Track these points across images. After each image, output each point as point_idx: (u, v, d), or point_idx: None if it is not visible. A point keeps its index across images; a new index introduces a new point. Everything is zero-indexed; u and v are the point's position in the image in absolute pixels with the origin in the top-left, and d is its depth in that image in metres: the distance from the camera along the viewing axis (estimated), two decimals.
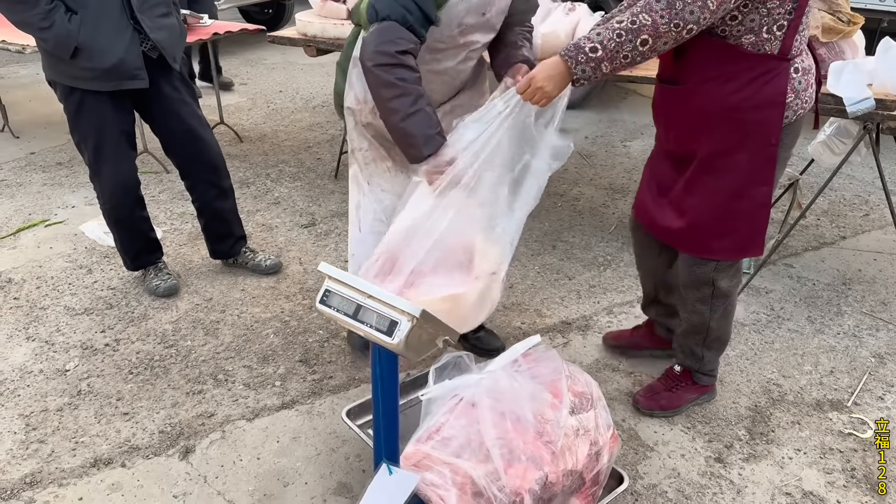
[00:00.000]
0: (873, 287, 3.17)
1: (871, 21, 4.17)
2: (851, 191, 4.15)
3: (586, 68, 1.76)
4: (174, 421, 2.38)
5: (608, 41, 1.73)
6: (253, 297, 3.07)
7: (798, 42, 1.85)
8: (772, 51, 1.83)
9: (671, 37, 1.71)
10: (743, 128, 1.90)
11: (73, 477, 2.17)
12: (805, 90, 1.91)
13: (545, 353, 2.03)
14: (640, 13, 1.70)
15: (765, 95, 1.86)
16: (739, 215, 2.01)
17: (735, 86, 1.87)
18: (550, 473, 1.76)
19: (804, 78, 1.90)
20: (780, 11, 1.78)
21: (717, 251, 2.08)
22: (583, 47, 1.76)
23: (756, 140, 1.91)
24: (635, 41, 1.71)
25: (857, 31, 2.95)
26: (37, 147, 4.70)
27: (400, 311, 1.48)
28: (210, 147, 2.97)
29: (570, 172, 4.34)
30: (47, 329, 2.86)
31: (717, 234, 2.05)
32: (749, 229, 2.04)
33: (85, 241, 3.52)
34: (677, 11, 1.68)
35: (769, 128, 1.90)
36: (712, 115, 1.92)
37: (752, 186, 1.97)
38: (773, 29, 1.80)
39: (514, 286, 3.16)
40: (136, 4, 2.60)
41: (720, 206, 2.01)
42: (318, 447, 2.28)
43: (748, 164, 1.94)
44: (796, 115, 1.92)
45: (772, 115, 1.88)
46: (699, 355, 2.33)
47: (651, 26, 1.69)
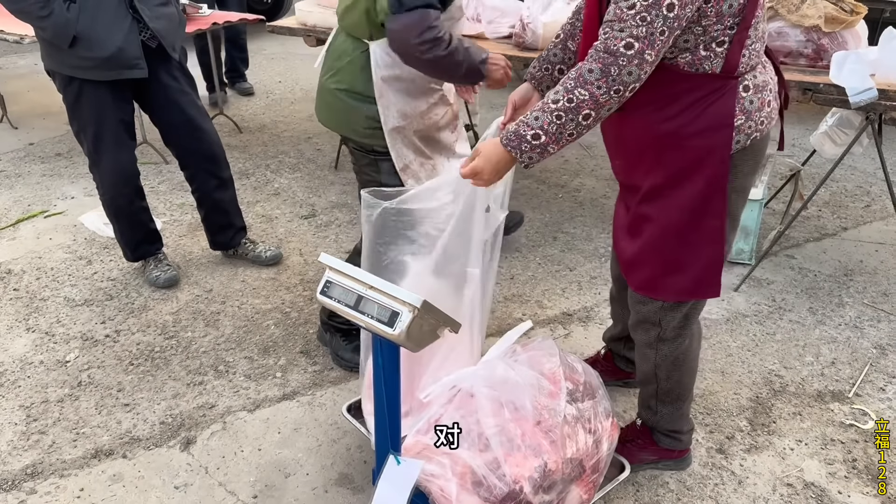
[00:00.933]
0: (875, 278, 3.17)
1: (873, 11, 4.15)
2: (853, 182, 4.14)
3: (532, 155, 1.63)
4: (175, 412, 2.38)
5: (548, 125, 1.58)
6: (253, 289, 3.06)
7: (747, 57, 1.63)
8: (713, 69, 1.61)
9: (615, 102, 1.56)
10: (685, 155, 1.69)
11: (74, 468, 2.17)
12: (759, 110, 1.68)
13: (542, 342, 2.03)
14: (574, 88, 1.54)
15: (708, 119, 1.65)
16: (687, 252, 1.79)
17: (674, 109, 1.66)
18: (550, 461, 1.76)
19: (757, 96, 1.67)
20: (719, 28, 1.57)
21: (662, 290, 1.86)
22: (524, 136, 1.62)
23: (702, 169, 1.69)
24: (577, 118, 1.57)
25: (859, 20, 2.94)
26: (36, 138, 4.68)
27: (401, 302, 1.48)
28: (210, 137, 2.96)
29: (571, 163, 4.32)
30: (47, 320, 2.85)
31: (663, 272, 1.83)
32: (699, 268, 1.80)
33: (84, 231, 3.51)
34: (614, 77, 1.51)
35: (716, 155, 1.67)
36: (650, 142, 1.72)
37: (702, 220, 1.74)
38: (711, 46, 1.59)
39: (514, 277, 3.15)
40: None
41: (666, 240, 1.80)
42: (319, 438, 2.28)
43: (695, 196, 1.72)
44: (750, 139, 1.69)
45: (718, 139, 1.66)
46: (654, 409, 2.09)
47: (590, 100, 1.54)
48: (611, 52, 1.50)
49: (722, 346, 2.70)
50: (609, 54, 1.50)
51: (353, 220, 3.66)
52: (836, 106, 2.85)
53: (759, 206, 3.13)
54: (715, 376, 2.54)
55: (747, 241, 3.19)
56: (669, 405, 2.07)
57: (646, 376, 2.06)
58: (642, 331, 1.98)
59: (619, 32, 1.49)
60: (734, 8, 1.55)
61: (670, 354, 1.97)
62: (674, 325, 1.93)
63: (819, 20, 2.88)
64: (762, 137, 1.73)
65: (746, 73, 1.65)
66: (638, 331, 2.00)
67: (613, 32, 1.49)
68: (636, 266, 1.89)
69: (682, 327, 1.94)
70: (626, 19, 1.48)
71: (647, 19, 1.46)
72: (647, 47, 1.48)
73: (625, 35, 1.48)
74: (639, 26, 1.47)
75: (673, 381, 2.02)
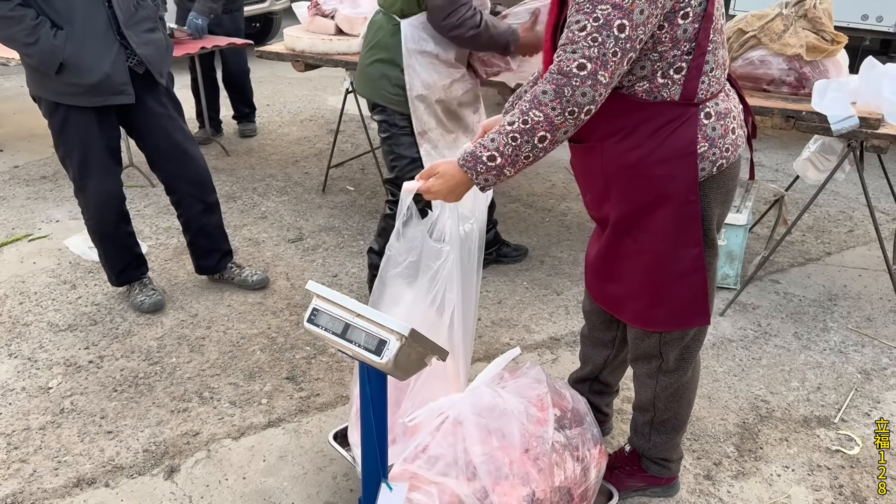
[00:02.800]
0: (858, 303, 3.20)
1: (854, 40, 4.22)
2: (836, 207, 4.19)
3: (488, 177, 1.62)
4: (159, 440, 2.35)
5: (504, 146, 1.57)
6: (239, 314, 3.04)
7: (706, 84, 1.62)
8: (672, 97, 1.61)
9: (570, 124, 1.54)
10: (652, 185, 1.68)
11: (56, 497, 2.13)
12: (723, 137, 1.66)
13: (530, 368, 2.03)
14: (529, 110, 1.53)
15: (669, 148, 1.64)
16: (671, 281, 1.77)
17: (635, 140, 1.66)
18: (538, 490, 1.75)
19: (720, 123, 1.66)
20: (676, 53, 1.57)
21: (654, 322, 1.85)
22: (480, 157, 1.60)
23: (671, 197, 1.68)
24: (532, 140, 1.55)
25: (840, 49, 2.99)
26: (21, 160, 4.66)
27: (389, 330, 1.48)
28: (196, 161, 2.95)
29: (558, 188, 4.35)
30: (30, 346, 2.82)
31: (651, 304, 1.82)
32: (686, 296, 1.79)
33: (69, 255, 3.49)
34: (568, 99, 1.50)
35: (683, 183, 1.66)
36: (616, 173, 1.71)
37: (680, 248, 1.73)
38: (669, 73, 1.59)
39: (502, 302, 3.16)
40: (122, 20, 2.59)
41: (646, 271, 1.79)
42: (304, 466, 2.25)
43: (668, 225, 1.71)
44: (716, 166, 1.67)
45: (682, 167, 1.65)
46: (646, 436, 2.08)
47: (545, 121, 1.53)
48: (564, 73, 1.50)
49: (708, 371, 2.71)
50: (562, 75, 1.50)
51: (341, 243, 3.66)
52: (819, 133, 2.89)
53: (744, 231, 3.15)
54: (702, 402, 2.55)
55: (732, 265, 3.21)
56: (664, 435, 2.06)
57: (643, 405, 2.05)
58: (643, 363, 1.97)
59: (572, 54, 1.49)
60: (689, 33, 1.56)
61: (670, 386, 1.97)
62: (675, 357, 1.92)
63: (801, 49, 2.93)
64: (730, 165, 1.71)
65: (707, 100, 1.65)
66: (639, 363, 1.99)
67: (566, 54, 1.50)
68: (625, 300, 1.88)
69: (684, 359, 1.93)
70: (577, 41, 1.49)
71: (598, 40, 1.47)
72: (600, 68, 1.49)
73: (577, 56, 1.49)
74: (590, 47, 1.48)
75: (670, 412, 2.02)
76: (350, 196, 4.26)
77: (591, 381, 2.28)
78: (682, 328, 1.86)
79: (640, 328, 1.89)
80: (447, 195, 1.70)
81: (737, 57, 3.06)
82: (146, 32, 2.69)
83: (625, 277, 1.84)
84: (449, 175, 1.67)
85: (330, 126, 5.44)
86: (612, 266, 1.87)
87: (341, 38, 3.67)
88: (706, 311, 1.82)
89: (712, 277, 1.83)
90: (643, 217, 1.73)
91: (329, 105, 6.04)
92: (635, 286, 1.82)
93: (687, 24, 1.55)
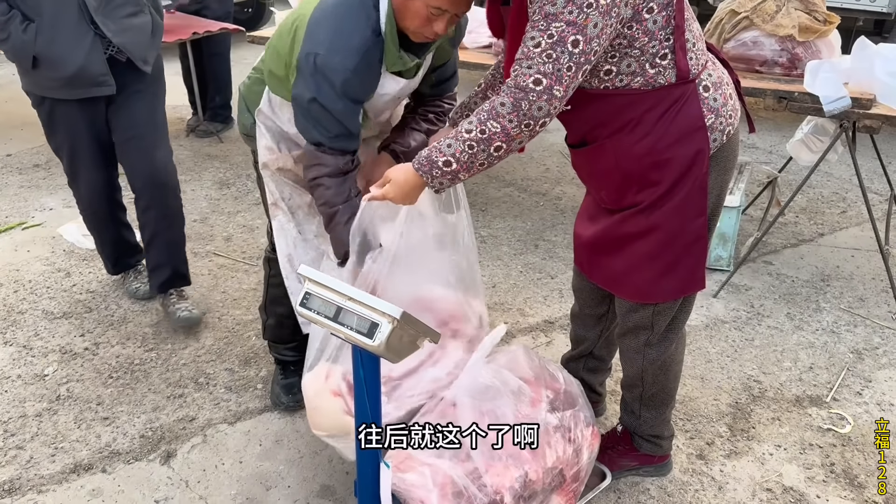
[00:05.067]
0: (851, 283, 3.21)
1: (846, 20, 4.21)
2: (829, 188, 4.20)
3: (443, 181, 1.67)
4: (155, 425, 2.36)
5: (460, 153, 1.61)
6: (234, 300, 3.05)
7: (694, 59, 1.66)
8: (668, 80, 1.65)
9: (525, 136, 1.59)
10: (671, 167, 1.71)
11: (53, 483, 2.15)
12: (724, 105, 1.72)
13: (523, 351, 2.04)
14: (487, 120, 1.57)
15: (680, 126, 1.68)
16: (678, 253, 1.82)
17: (644, 129, 1.68)
18: (531, 471, 1.77)
19: (718, 93, 1.71)
20: (654, 44, 1.60)
21: (656, 294, 1.89)
22: (436, 161, 1.64)
23: (687, 173, 1.72)
24: (489, 149, 1.60)
25: (833, 30, 2.99)
26: (13, 149, 4.63)
27: (381, 313, 1.48)
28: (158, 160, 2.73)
29: (552, 171, 4.35)
30: (25, 333, 2.82)
31: (657, 276, 1.85)
32: (689, 265, 1.84)
33: (63, 243, 3.48)
34: (524, 112, 1.54)
35: (697, 158, 1.70)
36: (632, 166, 1.74)
37: (688, 221, 1.78)
38: (656, 62, 1.62)
39: (496, 286, 3.16)
40: (93, 7, 2.44)
41: (657, 245, 1.82)
42: (300, 450, 2.27)
43: (682, 199, 1.75)
44: (724, 134, 1.73)
45: (696, 143, 1.69)
46: (636, 413, 2.12)
47: (501, 133, 1.57)
48: (521, 87, 1.54)
49: (701, 353, 2.72)
50: (519, 90, 1.54)
51: None
52: (811, 114, 2.89)
53: (737, 212, 3.16)
54: (694, 382, 2.56)
55: (725, 247, 3.22)
56: (653, 409, 2.09)
57: (631, 380, 2.08)
58: (632, 336, 2.00)
59: (528, 69, 1.53)
60: (660, 22, 1.58)
61: (657, 359, 2.00)
62: (663, 329, 1.96)
63: (793, 30, 2.92)
64: (734, 132, 1.76)
65: (700, 72, 1.69)
66: (627, 337, 2.02)
67: (522, 70, 1.54)
68: (626, 277, 1.91)
69: (671, 331, 1.97)
70: (532, 57, 1.52)
71: (552, 56, 1.51)
72: (555, 83, 1.52)
73: (532, 72, 1.52)
74: (545, 63, 1.51)
75: (658, 386, 2.05)
76: None
77: (585, 359, 2.30)
78: (682, 295, 1.91)
79: (639, 302, 1.92)
80: (403, 199, 1.75)
81: (729, 38, 3.06)
82: (126, 18, 2.53)
83: (631, 253, 1.87)
84: (402, 180, 1.72)
85: None
86: (617, 243, 1.90)
87: None
88: (703, 277, 1.88)
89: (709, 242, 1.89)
90: (661, 196, 1.76)
91: None
92: (642, 260, 1.86)
93: (655, 16, 1.58)
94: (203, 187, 4.12)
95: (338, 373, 1.90)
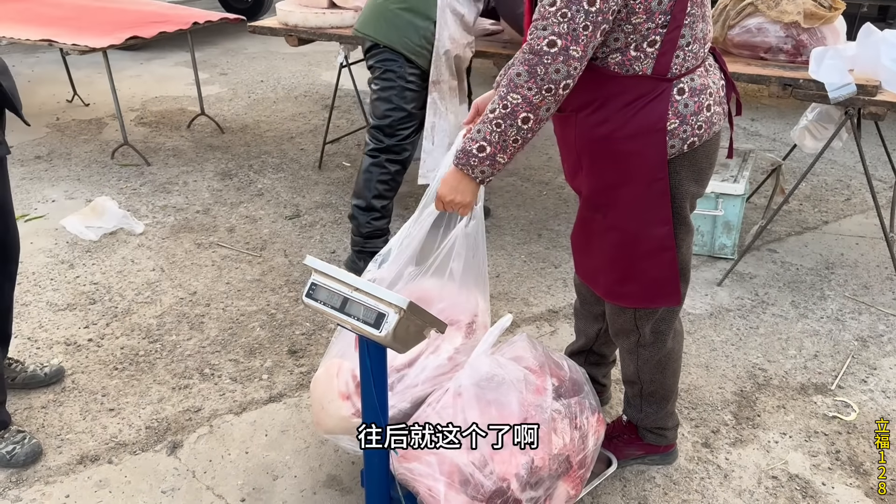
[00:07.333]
0: (855, 271, 3.21)
1: (851, 7, 4.19)
2: (833, 175, 4.18)
3: (484, 168, 1.63)
4: (161, 416, 2.37)
5: (490, 134, 1.59)
6: (238, 290, 3.05)
7: (681, 59, 1.60)
8: (644, 70, 1.59)
9: (550, 101, 1.54)
10: (619, 161, 1.67)
11: (60, 474, 2.15)
12: (696, 114, 1.63)
13: (528, 340, 2.04)
14: (507, 94, 1.55)
15: (638, 123, 1.62)
16: (638, 259, 1.77)
17: (605, 114, 1.64)
18: (537, 458, 1.77)
19: (693, 100, 1.63)
20: (650, 26, 1.54)
21: (625, 298, 1.85)
22: (470, 150, 1.62)
23: (638, 174, 1.67)
24: (516, 122, 1.56)
25: (838, 16, 2.97)
26: (14, 141, 4.62)
27: (387, 304, 1.48)
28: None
29: (555, 161, 4.34)
30: (30, 325, 2.83)
31: (620, 280, 1.82)
32: (653, 275, 1.78)
33: (66, 235, 3.48)
34: (542, 77, 1.50)
35: (651, 160, 1.64)
36: (585, 146, 1.71)
37: (648, 227, 1.72)
38: (642, 46, 1.57)
39: (500, 275, 3.16)
40: None
41: (614, 248, 1.78)
42: (306, 440, 2.27)
43: (636, 203, 1.70)
44: (686, 143, 1.65)
45: (650, 145, 1.63)
46: (638, 408, 2.10)
47: (524, 102, 1.53)
48: (535, 51, 1.50)
49: (706, 341, 2.72)
50: (534, 54, 1.50)
51: (338, 219, 3.65)
52: (816, 101, 2.88)
53: (741, 200, 3.15)
54: (699, 371, 2.56)
55: (730, 235, 3.22)
56: (654, 405, 2.08)
57: (629, 378, 2.07)
58: (623, 337, 1.98)
59: (542, 31, 1.49)
60: (664, 5, 1.54)
61: (652, 358, 1.98)
62: (651, 331, 1.93)
63: (798, 16, 2.90)
64: (703, 143, 1.68)
65: (682, 75, 1.62)
66: (619, 338, 2.00)
67: (537, 31, 1.50)
68: (596, 274, 1.89)
69: (660, 332, 1.94)
70: (547, 17, 1.48)
71: (567, 15, 1.47)
72: (571, 43, 1.48)
73: (547, 33, 1.49)
74: (560, 23, 1.47)
75: (657, 384, 2.03)
76: (346, 172, 4.24)
77: (586, 353, 2.30)
78: (651, 306, 1.85)
79: (612, 303, 1.90)
80: (455, 196, 1.72)
81: (734, 25, 3.04)
82: None
83: (596, 252, 1.84)
84: (449, 179, 1.71)
85: (325, 102, 5.41)
86: (585, 240, 1.88)
87: (334, 12, 3.63)
88: (676, 292, 1.81)
89: (685, 256, 1.81)
90: (611, 193, 1.72)
91: (323, 80, 6.00)
92: (605, 261, 1.83)
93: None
94: (205, 178, 4.11)
95: (346, 370, 1.90)
